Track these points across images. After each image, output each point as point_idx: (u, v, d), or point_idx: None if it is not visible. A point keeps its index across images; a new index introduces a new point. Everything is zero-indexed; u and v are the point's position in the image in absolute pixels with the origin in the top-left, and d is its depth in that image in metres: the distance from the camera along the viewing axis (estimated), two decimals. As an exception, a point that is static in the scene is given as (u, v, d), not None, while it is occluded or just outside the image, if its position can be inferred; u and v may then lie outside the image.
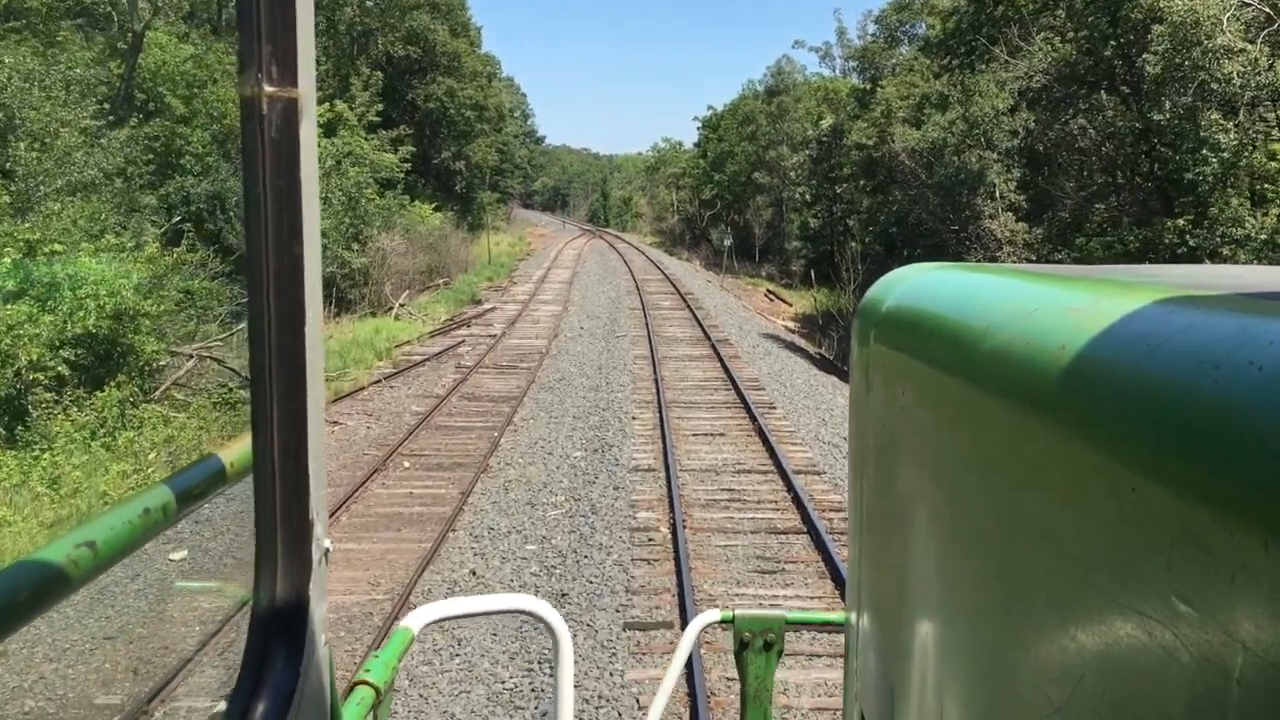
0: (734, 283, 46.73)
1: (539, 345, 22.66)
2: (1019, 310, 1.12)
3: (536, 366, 19.77)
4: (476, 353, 21.58)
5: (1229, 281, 1.26)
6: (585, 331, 24.94)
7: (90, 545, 0.87)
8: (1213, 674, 0.65)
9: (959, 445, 1.25)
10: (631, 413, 15.24)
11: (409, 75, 52.98)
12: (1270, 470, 0.61)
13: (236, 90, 1.04)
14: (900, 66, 40.49)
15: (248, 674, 1.11)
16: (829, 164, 51.64)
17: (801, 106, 53.75)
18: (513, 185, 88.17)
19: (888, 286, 1.76)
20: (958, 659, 1.26)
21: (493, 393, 17.27)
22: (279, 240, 1.05)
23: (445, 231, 44.68)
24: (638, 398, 16.42)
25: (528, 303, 31.54)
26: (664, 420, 14.20)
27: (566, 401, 16.45)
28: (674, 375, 18.28)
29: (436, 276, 38.97)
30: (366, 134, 37.68)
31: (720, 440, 13.38)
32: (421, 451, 13.25)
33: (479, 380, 18.35)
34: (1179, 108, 18.16)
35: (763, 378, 18.29)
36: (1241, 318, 0.78)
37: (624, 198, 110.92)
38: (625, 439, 13.55)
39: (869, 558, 1.80)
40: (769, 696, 2.45)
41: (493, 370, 19.53)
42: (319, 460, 1.14)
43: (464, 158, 56.34)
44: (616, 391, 16.99)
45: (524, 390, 17.30)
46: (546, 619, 2.06)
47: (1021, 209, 25.80)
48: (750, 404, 15.19)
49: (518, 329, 25.47)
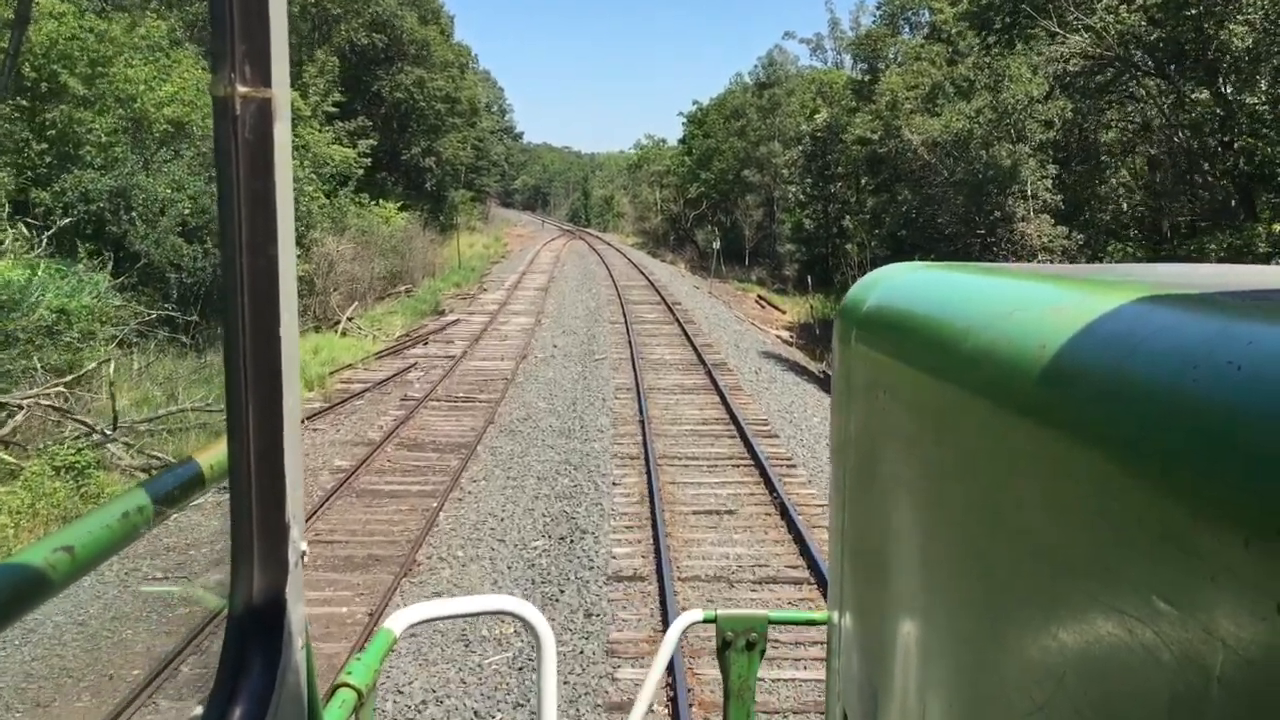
0: (723, 288, 43.40)
1: (504, 369, 19.26)
2: (1000, 310, 1.13)
3: (498, 400, 16.37)
4: (429, 379, 18.16)
5: (1210, 281, 1.22)
6: (559, 351, 21.54)
7: (68, 550, 0.87)
8: (1193, 672, 0.66)
9: (940, 445, 1.26)
10: (611, 474, 11.86)
11: (374, 65, 49.42)
12: (1249, 469, 0.62)
13: (210, 90, 1.03)
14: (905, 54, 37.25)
15: (224, 678, 1.11)
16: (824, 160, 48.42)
17: (794, 99, 50.45)
18: (489, 183, 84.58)
19: (869, 286, 1.76)
20: (940, 658, 1.26)
21: (440, 438, 13.87)
22: (253, 243, 1.04)
23: (411, 233, 41.10)
24: (620, 449, 13.03)
25: (496, 313, 28.11)
26: (654, 489, 10.82)
27: (530, 454, 13.05)
28: (664, 415, 14.91)
29: (399, 283, 35.46)
30: (321, 125, 34.16)
31: (730, 523, 10.01)
32: (331, 535, 9.84)
33: (426, 420, 14.94)
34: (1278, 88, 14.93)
35: (772, 417, 14.94)
36: (1221, 317, 0.79)
37: (606, 197, 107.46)
38: (602, 519, 10.16)
39: (851, 557, 1.79)
40: (752, 696, 2.41)
41: (445, 405, 16.12)
42: (295, 463, 1.14)
43: (434, 153, 52.70)
44: (593, 439, 13.60)
45: (479, 434, 13.90)
46: (530, 621, 2.03)
47: (1058, 209, 22.59)
48: (764, 461, 11.85)
49: (481, 347, 22.05)
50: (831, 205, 48.89)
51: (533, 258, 50.99)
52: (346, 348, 21.87)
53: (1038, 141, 22.80)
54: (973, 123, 22.76)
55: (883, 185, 34.74)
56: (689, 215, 66.51)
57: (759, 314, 38.25)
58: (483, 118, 70.97)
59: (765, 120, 50.89)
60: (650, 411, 14.90)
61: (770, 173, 51.26)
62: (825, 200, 49.02)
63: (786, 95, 50.63)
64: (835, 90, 49.67)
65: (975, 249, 23.54)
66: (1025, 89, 22.07)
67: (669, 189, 72.26)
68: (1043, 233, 21.57)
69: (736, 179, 54.81)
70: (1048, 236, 21.44)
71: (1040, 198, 22.31)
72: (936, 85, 29.48)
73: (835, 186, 49.25)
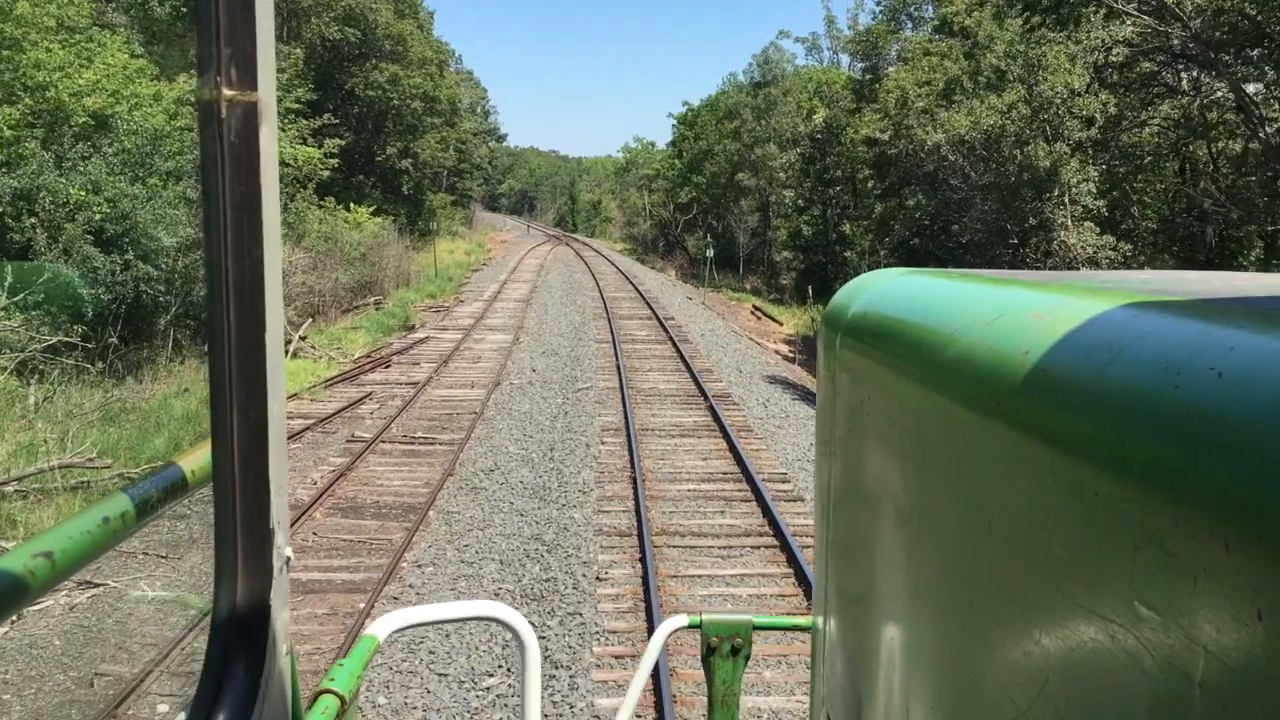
0: (716, 298, 40.77)
1: (473, 400, 16.59)
2: (983, 316, 1.13)
3: (462, 441, 13.70)
4: (385, 413, 15.48)
5: (1192, 288, 1.22)
6: (538, 377, 18.87)
7: (47, 555, 0.86)
8: (1175, 678, 0.66)
9: (924, 450, 1.25)
10: (596, 560, 9.19)
11: (347, 61, 46.64)
12: (1231, 475, 0.62)
13: (195, 94, 1.02)
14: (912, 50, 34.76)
15: (207, 684, 1.11)
16: (823, 163, 45.93)
17: (791, 100, 47.91)
18: (472, 187, 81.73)
19: (854, 291, 1.76)
20: (923, 663, 1.26)
21: (385, 497, 11.21)
22: (239, 246, 1.04)
23: (385, 239, 38.32)
24: (606, 521, 10.37)
25: (472, 329, 25.42)
26: (651, 590, 8.14)
27: (493, 523, 10.37)
28: (661, 468, 12.25)
29: (368, 294, 32.73)
30: (283, 123, 31.43)
31: (760, 649, 7.35)
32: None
33: (371, 471, 12.25)
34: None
35: (791, 469, 12.29)
36: (1203, 324, 0.79)
37: (593, 201, 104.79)
38: (583, 641, 7.47)
39: (835, 562, 1.79)
40: (736, 701, 2.38)
41: (399, 448, 13.44)
42: (280, 468, 1.14)
43: (411, 155, 49.90)
44: (573, 504, 10.93)
45: (433, 492, 11.24)
46: (515, 627, 2.00)
47: (1101, 216, 20.07)
48: (790, 541, 9.19)
49: (450, 372, 19.37)
50: (831, 210, 46.40)
51: (516, 265, 48.21)
52: (294, 373, 19.12)
53: (1075, 140, 20.27)
54: (1005, 118, 20.18)
55: (891, 189, 32.23)
56: (679, 220, 63.92)
57: (755, 326, 35.66)
58: (465, 119, 68.13)
59: (760, 121, 48.31)
60: (644, 463, 12.24)
61: (766, 176, 48.71)
62: (824, 205, 46.51)
63: (783, 95, 48.07)
64: (834, 90, 47.23)
65: (1005, 260, 21.00)
66: (1065, 80, 19.53)
67: (658, 193, 69.69)
68: (1087, 242, 19.00)
69: (730, 183, 52.22)
70: (1093, 246, 18.88)
71: (1081, 203, 19.76)
72: (953, 80, 26.98)
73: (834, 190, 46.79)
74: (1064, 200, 19.60)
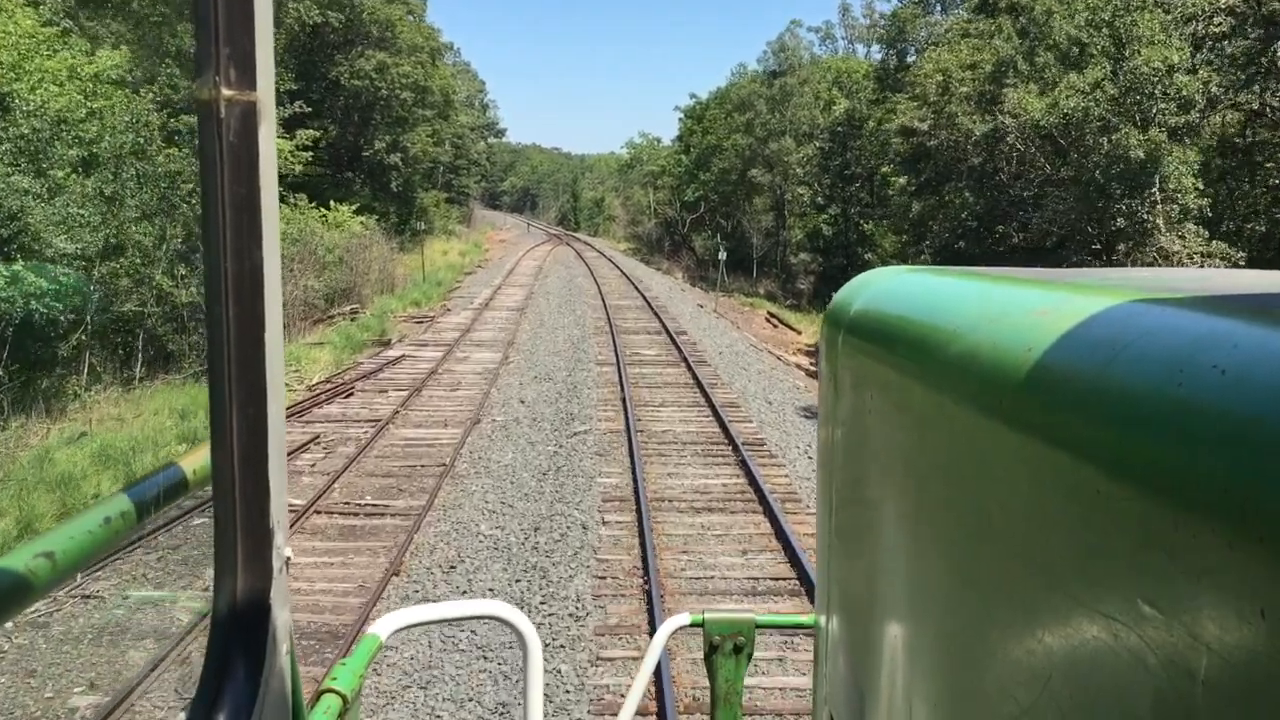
0: (728, 303, 37.42)
1: (443, 445, 13.27)
2: (986, 314, 1.12)
3: (421, 513, 10.39)
4: (329, 466, 12.20)
5: (1195, 285, 1.19)
6: (526, 413, 15.54)
7: (48, 556, 0.85)
8: (1178, 676, 0.66)
9: (926, 449, 1.24)
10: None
11: (331, 49, 43.33)
12: (1234, 473, 0.62)
13: (193, 94, 1.01)
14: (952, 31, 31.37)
15: (207, 684, 1.10)
16: (843, 158, 42.53)
17: (809, 90, 44.51)
18: (469, 184, 78.30)
19: (856, 289, 1.74)
20: (926, 662, 1.24)
21: (310, 598, 7.92)
22: (238, 247, 1.03)
23: (367, 240, 34.98)
24: (608, 678, 7.02)
25: (455, 345, 22.11)
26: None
27: (443, 674, 7.03)
28: (685, 567, 8.90)
29: (345, 302, 29.44)
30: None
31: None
32: None
33: (296, 560, 8.89)
34: None
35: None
36: (1206, 321, 0.79)
37: (596, 199, 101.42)
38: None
39: (838, 561, 1.78)
40: (739, 699, 2.36)
41: (335, 523, 10.15)
42: (279, 468, 1.13)
43: (401, 149, 46.49)
44: (560, 642, 7.57)
45: (367, 604, 7.94)
46: (517, 626, 1.97)
47: (1203, 216, 16.71)
48: None
49: (421, 404, 16.05)
50: (851, 208, 43.04)
51: (512, 268, 44.84)
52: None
53: (1170, 126, 16.89)
54: (1088, 100, 16.80)
55: (927, 186, 28.87)
56: (685, 219, 60.56)
57: (771, 334, 32.32)
58: (461, 112, 64.73)
59: (775, 113, 44.89)
60: (662, 560, 8.89)
61: (780, 172, 45.31)
62: (844, 202, 43.15)
63: (800, 85, 44.65)
64: (855, 80, 43.84)
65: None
66: (1162, 54, 16.15)
67: (664, 191, 66.33)
68: (1192, 248, 15.62)
69: (741, 179, 48.83)
70: (1200, 253, 15.49)
71: (1180, 201, 16.39)
72: (1004, 61, 23.60)
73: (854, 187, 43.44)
74: (1161, 198, 16.23)
